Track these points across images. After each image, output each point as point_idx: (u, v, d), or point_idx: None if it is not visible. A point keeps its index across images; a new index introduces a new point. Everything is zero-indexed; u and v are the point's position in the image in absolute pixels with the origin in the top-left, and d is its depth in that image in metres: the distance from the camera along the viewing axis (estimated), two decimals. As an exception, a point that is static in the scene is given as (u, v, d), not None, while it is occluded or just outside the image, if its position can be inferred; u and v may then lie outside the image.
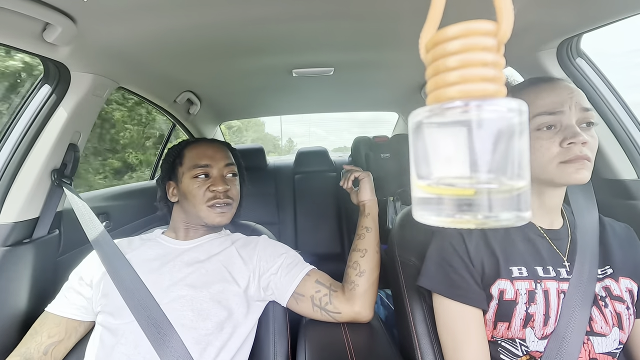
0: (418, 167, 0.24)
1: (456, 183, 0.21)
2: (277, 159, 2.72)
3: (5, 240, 0.75)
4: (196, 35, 0.79)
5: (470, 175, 0.21)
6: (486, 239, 0.59)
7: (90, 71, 0.81)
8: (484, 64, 0.22)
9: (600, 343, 0.52)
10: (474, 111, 0.21)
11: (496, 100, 0.21)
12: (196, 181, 0.75)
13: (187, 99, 1.42)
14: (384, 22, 0.78)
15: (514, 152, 0.21)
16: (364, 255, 0.73)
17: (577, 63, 0.83)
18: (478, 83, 0.21)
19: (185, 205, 0.77)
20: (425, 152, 0.23)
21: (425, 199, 0.23)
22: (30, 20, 0.59)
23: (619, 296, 0.54)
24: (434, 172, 0.22)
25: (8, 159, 0.77)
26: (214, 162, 0.77)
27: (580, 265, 0.55)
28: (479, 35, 0.22)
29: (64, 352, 0.67)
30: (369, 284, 0.71)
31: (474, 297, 0.55)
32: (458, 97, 0.21)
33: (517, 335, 0.53)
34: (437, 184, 0.22)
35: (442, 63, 0.22)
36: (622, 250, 0.59)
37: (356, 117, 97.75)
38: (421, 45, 0.24)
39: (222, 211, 0.75)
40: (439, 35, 0.23)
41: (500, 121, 0.21)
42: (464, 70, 0.22)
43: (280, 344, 0.70)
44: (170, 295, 0.65)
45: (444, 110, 0.21)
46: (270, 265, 0.73)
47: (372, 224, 0.78)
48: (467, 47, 0.22)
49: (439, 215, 0.22)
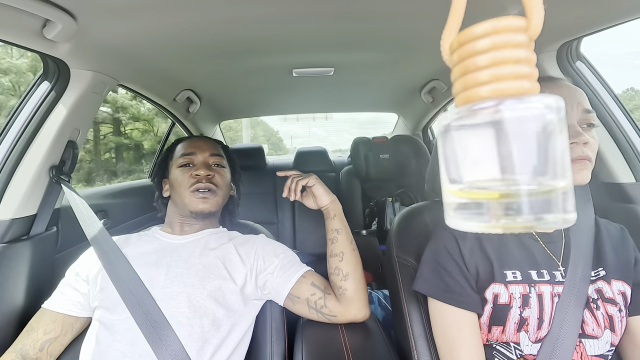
0: (449, 172, 0.22)
1: (492, 186, 0.20)
2: (276, 158, 2.72)
3: (3, 236, 0.74)
4: (196, 34, 0.79)
5: (507, 178, 0.20)
6: (480, 243, 0.59)
7: (89, 68, 0.81)
8: (517, 61, 0.21)
9: (593, 345, 0.52)
10: (508, 110, 0.20)
11: (532, 97, 0.20)
12: (182, 170, 0.77)
13: (187, 98, 1.42)
14: (384, 23, 0.78)
15: (553, 150, 0.20)
16: (342, 258, 0.72)
17: (577, 66, 0.83)
18: (512, 81, 0.21)
19: (174, 196, 0.78)
20: (457, 156, 0.22)
21: (460, 204, 0.22)
22: (30, 16, 0.59)
23: (611, 298, 0.54)
24: (466, 176, 0.21)
25: (6, 156, 0.77)
26: (198, 150, 0.80)
27: (573, 266, 0.55)
28: (510, 31, 0.21)
29: (60, 348, 0.66)
30: (356, 284, 0.70)
31: (469, 301, 0.55)
32: (490, 96, 0.21)
33: (511, 339, 0.53)
34: (471, 187, 0.21)
35: (472, 62, 0.21)
36: (615, 252, 0.58)
37: (356, 118, 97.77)
38: (444, 46, 0.24)
39: (204, 197, 0.75)
40: (466, 34, 0.22)
41: (538, 119, 0.20)
42: (496, 68, 0.21)
43: (277, 343, 0.70)
44: (167, 292, 0.65)
45: (476, 111, 0.20)
46: (267, 265, 0.73)
47: (341, 224, 0.76)
48: (498, 44, 0.21)
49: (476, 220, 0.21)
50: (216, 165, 0.81)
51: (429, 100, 1.59)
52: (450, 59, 0.23)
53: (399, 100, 1.77)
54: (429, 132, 2.06)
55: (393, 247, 0.77)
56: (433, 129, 2.05)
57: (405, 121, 2.12)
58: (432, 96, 1.56)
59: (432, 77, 1.36)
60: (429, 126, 2.01)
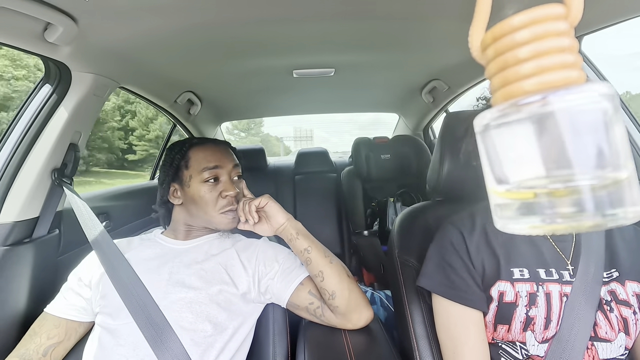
0: (494, 172, 0.21)
1: (544, 184, 0.19)
2: (277, 159, 2.72)
3: (5, 239, 0.75)
4: (197, 36, 0.79)
5: (561, 174, 0.18)
6: (487, 239, 0.58)
7: (91, 71, 0.81)
8: (562, 50, 0.20)
9: (605, 349, 0.51)
10: (559, 102, 0.18)
11: (583, 86, 0.19)
12: (206, 185, 0.72)
13: (188, 99, 1.42)
14: (384, 23, 0.78)
15: (613, 140, 0.18)
16: (322, 278, 0.67)
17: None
18: (559, 71, 0.19)
19: (193, 210, 0.74)
20: (502, 156, 0.20)
21: (516, 205, 0.20)
22: (31, 20, 0.59)
23: (625, 300, 0.53)
24: (514, 176, 0.20)
25: (8, 159, 0.77)
26: (222, 164, 0.74)
27: (585, 266, 0.53)
28: (551, 20, 0.20)
29: (63, 353, 0.66)
30: (345, 299, 0.67)
31: (474, 298, 0.54)
32: (537, 89, 0.19)
33: (517, 338, 0.53)
34: (521, 187, 0.20)
35: (512, 55, 0.20)
36: (629, 253, 0.57)
37: (357, 119, 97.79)
38: (473, 43, 0.23)
39: (234, 217, 0.74)
40: (502, 27, 0.21)
41: (593, 109, 0.18)
42: (540, 59, 0.19)
43: (280, 344, 0.70)
44: (169, 297, 0.65)
45: (521, 107, 0.19)
46: (269, 270, 0.72)
47: (308, 241, 0.70)
48: (540, 34, 0.20)
49: (531, 222, 0.20)
50: (237, 177, 0.78)
51: (430, 100, 1.59)
52: (484, 55, 0.22)
53: (400, 100, 1.77)
54: (430, 132, 2.05)
55: (395, 247, 0.77)
56: (434, 128, 2.05)
57: (406, 121, 2.12)
58: (432, 96, 1.56)
59: (432, 77, 1.36)
60: (430, 126, 2.01)
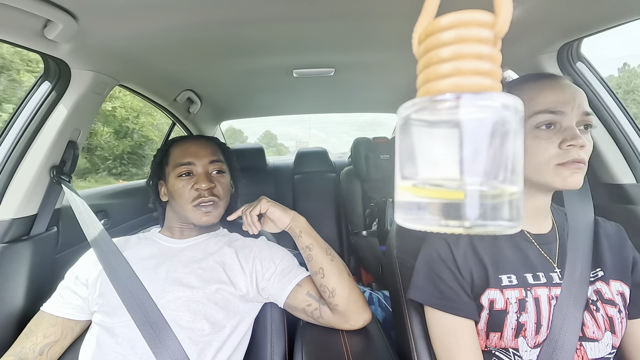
0: (403, 167, 0.22)
1: (443, 184, 0.20)
2: (276, 159, 2.72)
3: (3, 236, 0.74)
4: (197, 34, 0.79)
5: (459, 177, 0.19)
6: (474, 247, 0.58)
7: (90, 69, 0.81)
8: (479, 57, 0.20)
9: (593, 348, 0.51)
10: (465, 106, 0.19)
11: (490, 94, 0.19)
12: (180, 180, 0.73)
13: (188, 98, 1.42)
14: (385, 24, 0.78)
15: (507, 153, 0.19)
16: (323, 275, 0.68)
17: (578, 67, 0.83)
18: (471, 76, 0.20)
19: (174, 205, 0.75)
20: (412, 150, 0.21)
21: (410, 202, 0.21)
22: (31, 17, 0.59)
23: (610, 299, 0.53)
24: (420, 173, 0.21)
25: (7, 155, 0.77)
26: (197, 159, 0.74)
27: (571, 266, 0.54)
28: (475, 26, 0.20)
29: (59, 351, 0.66)
30: (345, 297, 0.67)
31: (465, 308, 0.54)
32: (449, 90, 0.20)
33: (509, 345, 0.53)
34: (423, 184, 0.21)
35: (435, 54, 0.21)
36: (612, 252, 0.57)
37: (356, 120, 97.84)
38: (414, 37, 0.23)
39: (207, 210, 0.73)
40: (432, 25, 0.21)
41: (494, 118, 0.19)
42: (458, 62, 0.20)
43: (277, 344, 0.70)
44: (167, 296, 0.65)
45: (433, 104, 0.20)
46: (265, 271, 0.72)
47: (310, 239, 0.71)
48: (463, 37, 0.20)
49: (423, 219, 0.20)
50: (216, 172, 0.77)
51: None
52: (418, 50, 0.23)
53: (400, 100, 1.75)
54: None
55: (393, 247, 0.77)
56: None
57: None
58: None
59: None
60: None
